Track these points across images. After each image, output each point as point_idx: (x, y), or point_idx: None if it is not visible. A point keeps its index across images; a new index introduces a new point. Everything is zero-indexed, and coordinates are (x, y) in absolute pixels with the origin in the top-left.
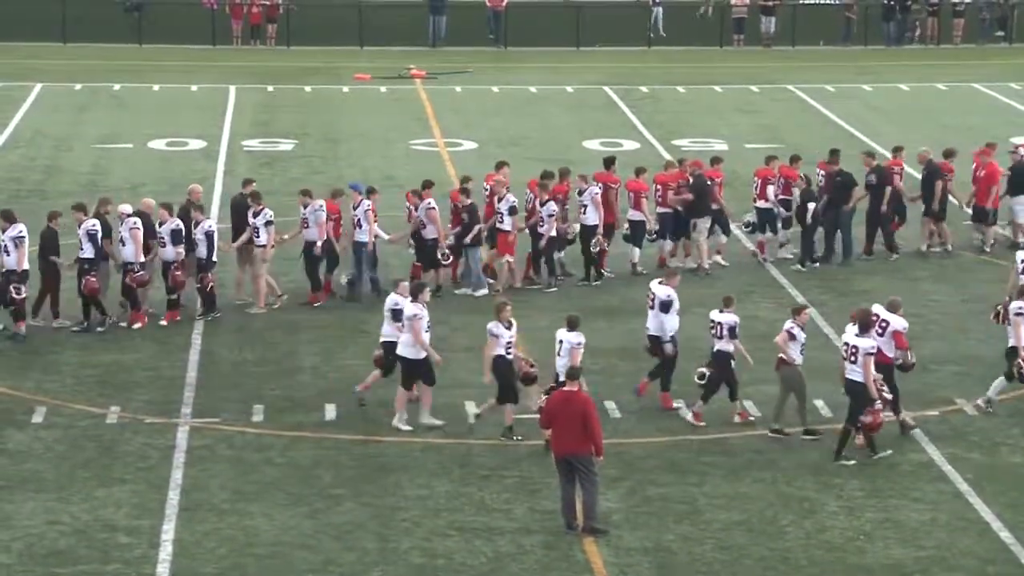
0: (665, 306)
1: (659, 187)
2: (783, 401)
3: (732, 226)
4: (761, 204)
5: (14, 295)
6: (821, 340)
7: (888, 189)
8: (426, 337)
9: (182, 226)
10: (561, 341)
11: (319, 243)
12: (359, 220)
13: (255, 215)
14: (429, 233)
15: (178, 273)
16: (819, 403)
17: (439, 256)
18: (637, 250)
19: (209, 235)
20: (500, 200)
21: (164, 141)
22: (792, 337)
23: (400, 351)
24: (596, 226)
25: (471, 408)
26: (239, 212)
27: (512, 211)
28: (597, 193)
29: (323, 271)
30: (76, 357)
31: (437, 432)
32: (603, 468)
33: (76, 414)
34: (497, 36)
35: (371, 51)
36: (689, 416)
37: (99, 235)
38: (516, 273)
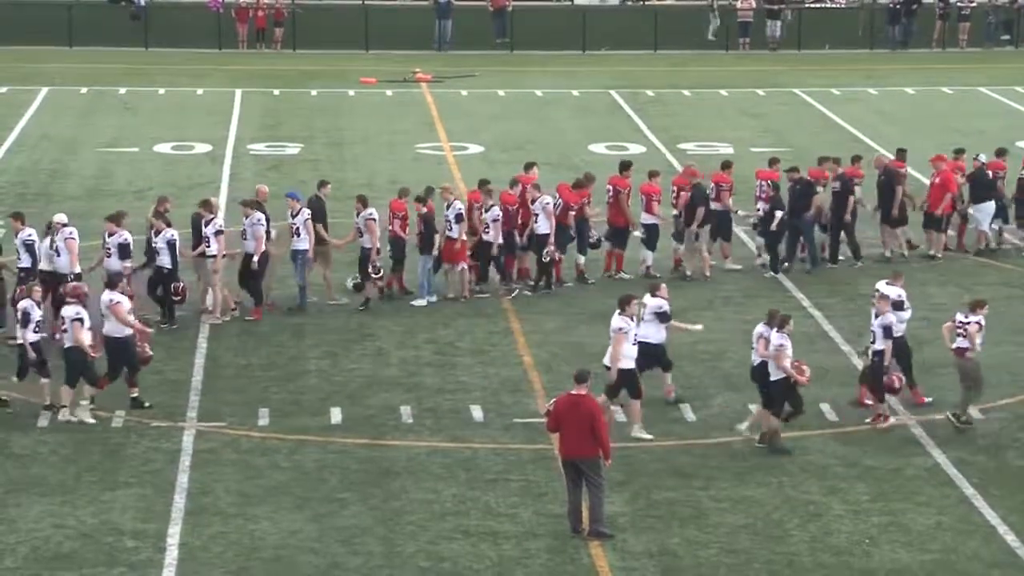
0: (897, 305)
1: (674, 188)
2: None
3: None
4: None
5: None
6: (828, 344)
7: (851, 199)
8: (633, 350)
9: (130, 240)
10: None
11: (256, 257)
12: (297, 228)
13: (206, 224)
14: (365, 243)
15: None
16: (825, 407)
17: (369, 269)
18: (650, 254)
19: (171, 244)
20: (534, 202)
21: (170, 145)
22: (980, 327)
23: (606, 361)
24: (547, 235)
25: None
26: (317, 214)
27: (459, 219)
28: (548, 203)
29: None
30: None
31: (443, 436)
32: (608, 472)
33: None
34: (505, 35)
35: (377, 55)
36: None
37: (36, 244)
38: (467, 283)
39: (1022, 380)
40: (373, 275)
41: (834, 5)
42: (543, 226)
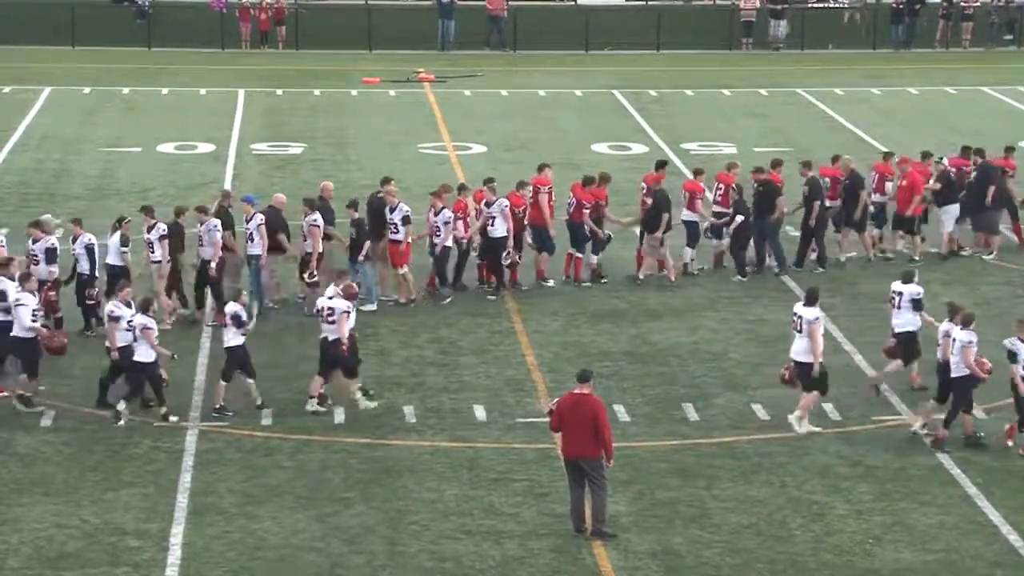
0: None
1: (721, 186)
2: None
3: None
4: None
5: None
6: (830, 343)
7: (817, 203)
8: (821, 344)
9: (57, 244)
10: (954, 339)
11: (214, 263)
12: (251, 233)
13: (148, 229)
14: (307, 247)
15: (51, 293)
16: (828, 407)
17: (305, 275)
18: (689, 250)
19: (90, 249)
20: (489, 205)
21: (173, 145)
22: None
23: (793, 355)
24: (505, 238)
25: (477, 414)
26: (376, 211)
27: (405, 221)
28: (506, 206)
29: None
30: (86, 360)
31: (446, 436)
32: (611, 472)
33: (85, 417)
34: (502, 41)
35: (380, 54)
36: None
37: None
38: (412, 285)
39: None
40: (308, 280)
41: (837, 5)
42: (500, 229)
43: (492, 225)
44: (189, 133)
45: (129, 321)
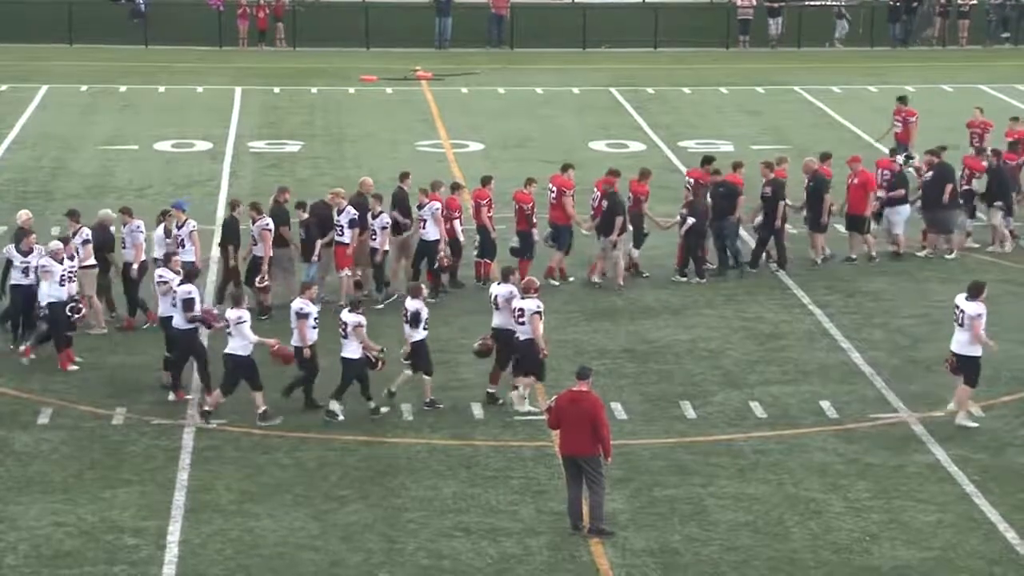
0: None
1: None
2: None
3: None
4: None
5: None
6: (828, 341)
7: (782, 203)
8: (984, 335)
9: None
10: None
11: (135, 265)
12: (182, 240)
13: (73, 234)
14: (258, 251)
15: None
16: (825, 404)
17: (257, 280)
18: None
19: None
20: (421, 207)
21: (170, 142)
22: None
23: (953, 347)
24: (437, 241)
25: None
26: (402, 205)
27: (352, 224)
28: (438, 208)
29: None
30: (82, 358)
31: (444, 433)
32: (609, 469)
33: (82, 415)
34: (500, 41)
35: (377, 52)
36: None
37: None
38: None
39: (1023, 377)
40: (258, 285)
41: (836, 3)
42: (432, 232)
43: (424, 228)
44: (186, 131)
45: (316, 317)
